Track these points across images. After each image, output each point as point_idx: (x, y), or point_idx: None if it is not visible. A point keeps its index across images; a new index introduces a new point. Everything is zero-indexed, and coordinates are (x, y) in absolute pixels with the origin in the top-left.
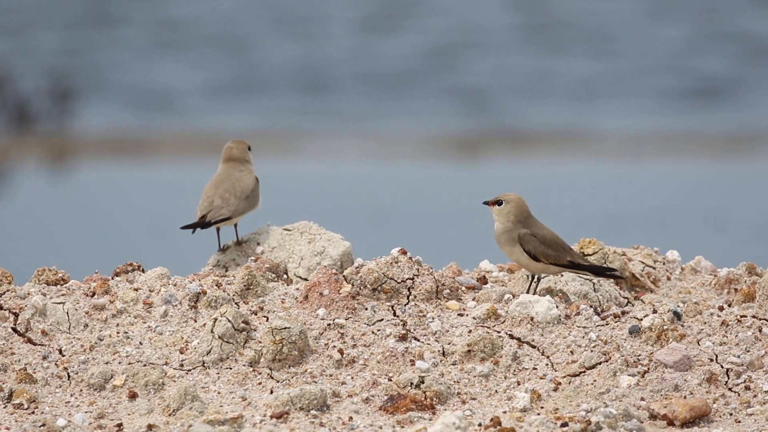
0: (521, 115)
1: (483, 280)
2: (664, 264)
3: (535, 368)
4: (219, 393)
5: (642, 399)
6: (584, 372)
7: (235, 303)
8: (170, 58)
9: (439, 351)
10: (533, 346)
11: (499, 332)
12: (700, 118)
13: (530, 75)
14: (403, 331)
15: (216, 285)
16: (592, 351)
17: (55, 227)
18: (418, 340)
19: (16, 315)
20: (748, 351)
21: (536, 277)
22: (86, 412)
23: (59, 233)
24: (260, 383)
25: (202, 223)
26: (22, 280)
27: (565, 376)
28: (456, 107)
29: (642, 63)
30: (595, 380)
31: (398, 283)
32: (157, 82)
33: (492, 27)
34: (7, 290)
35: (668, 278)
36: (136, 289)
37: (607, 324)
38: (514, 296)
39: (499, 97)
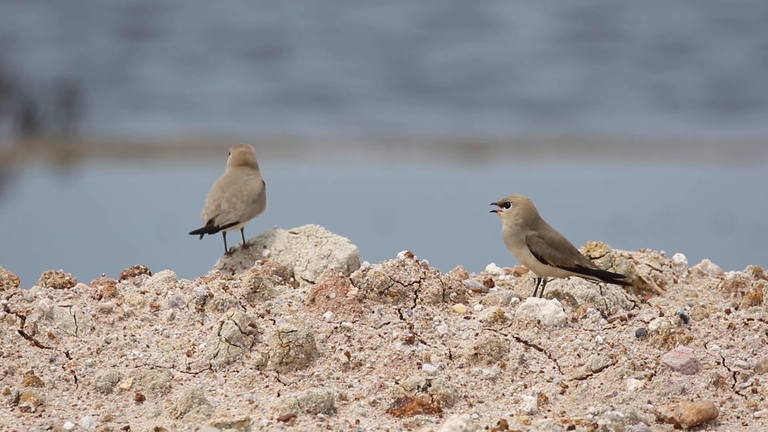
0: (527, 118)
1: (490, 283)
2: (670, 267)
3: (542, 371)
4: (226, 396)
5: (649, 402)
6: (591, 375)
7: (242, 306)
8: (177, 62)
9: (445, 354)
10: (540, 350)
11: (505, 335)
12: (709, 122)
13: (541, 79)
14: (410, 334)
15: (223, 288)
16: (598, 354)
17: (62, 230)
18: (425, 343)
19: (23, 318)
20: (755, 354)
21: (543, 280)
22: (93, 416)
23: (66, 236)
24: (267, 386)
25: (210, 228)
26: (29, 284)
27: (572, 380)
28: (462, 109)
29: (656, 68)
30: (602, 383)
31: (405, 286)
32: (163, 86)
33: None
34: (14, 293)
35: (675, 281)
36: (143, 293)
37: (613, 327)
38: (520, 299)
39: (505, 100)
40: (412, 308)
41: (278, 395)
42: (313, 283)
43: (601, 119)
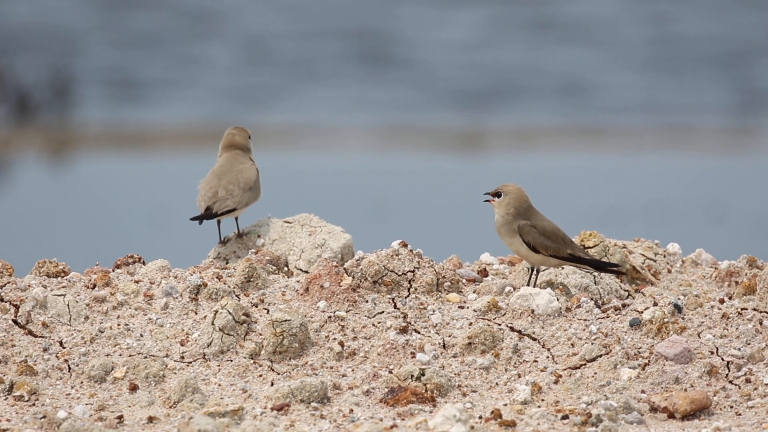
0: (522, 108)
1: (484, 273)
2: (664, 257)
3: (535, 361)
4: (220, 385)
5: (642, 391)
6: (585, 364)
7: (236, 295)
8: (168, 49)
9: (439, 343)
10: (534, 339)
11: (499, 325)
12: (700, 111)
13: (543, 71)
14: (404, 324)
15: (217, 277)
16: (592, 344)
17: (56, 219)
18: (419, 333)
19: (17, 307)
20: (749, 344)
21: (536, 269)
22: (87, 404)
23: (60, 225)
24: (261, 375)
25: (209, 215)
26: (23, 272)
27: (565, 369)
28: (459, 101)
29: (649, 55)
30: (595, 373)
31: (399, 275)
32: (155, 73)
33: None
34: (8, 282)
35: (669, 271)
36: (137, 282)
37: (607, 317)
38: (514, 289)
39: (500, 90)
40: (406, 298)
41: (272, 384)
42: (307, 272)
43: (597, 109)
